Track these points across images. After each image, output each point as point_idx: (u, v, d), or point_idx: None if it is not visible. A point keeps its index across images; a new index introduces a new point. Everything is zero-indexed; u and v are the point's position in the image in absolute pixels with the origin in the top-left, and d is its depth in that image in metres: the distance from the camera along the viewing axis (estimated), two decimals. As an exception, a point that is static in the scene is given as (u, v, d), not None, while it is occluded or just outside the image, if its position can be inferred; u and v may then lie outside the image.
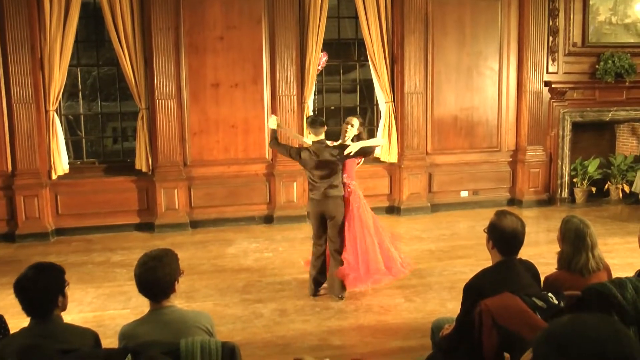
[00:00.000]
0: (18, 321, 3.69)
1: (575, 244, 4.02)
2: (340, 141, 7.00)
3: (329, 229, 6.79)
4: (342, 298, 6.79)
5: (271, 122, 6.98)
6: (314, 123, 6.69)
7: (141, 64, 9.70)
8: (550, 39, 10.97)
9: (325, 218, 6.78)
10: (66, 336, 3.33)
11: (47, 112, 9.50)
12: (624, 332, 1.68)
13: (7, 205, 9.53)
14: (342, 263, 6.74)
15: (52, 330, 3.32)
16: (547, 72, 11.08)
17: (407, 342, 5.71)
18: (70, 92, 10.65)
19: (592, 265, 4.00)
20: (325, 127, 6.75)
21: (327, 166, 6.64)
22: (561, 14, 10.95)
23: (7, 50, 9.23)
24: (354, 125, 7.00)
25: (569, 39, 11.07)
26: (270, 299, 6.88)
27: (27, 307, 3.34)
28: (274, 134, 6.95)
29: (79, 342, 3.30)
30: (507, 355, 3.44)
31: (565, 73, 11.17)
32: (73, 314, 6.06)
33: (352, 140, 6.94)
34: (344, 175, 6.89)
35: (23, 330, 3.38)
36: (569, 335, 1.69)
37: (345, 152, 6.63)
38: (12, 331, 3.63)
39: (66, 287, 3.46)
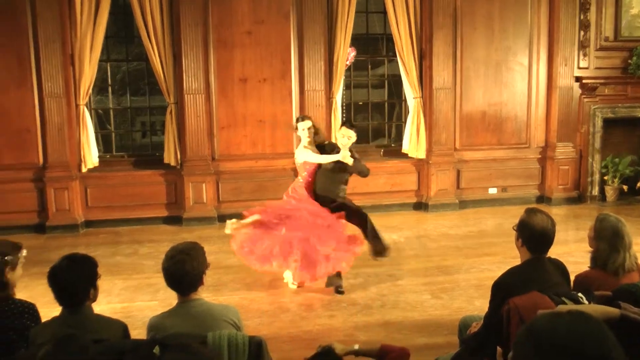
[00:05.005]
0: (48, 310, 3.74)
1: (612, 242, 3.95)
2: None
3: None
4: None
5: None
6: None
7: (170, 59, 9.75)
8: (581, 33, 10.81)
9: None
10: (96, 327, 3.37)
11: (77, 106, 9.61)
12: (602, 330, 1.68)
13: (38, 197, 9.67)
14: None
15: (83, 320, 3.37)
16: (578, 67, 10.93)
17: (434, 338, 5.69)
18: (100, 86, 10.75)
19: (629, 265, 3.94)
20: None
21: None
22: (592, 8, 10.78)
23: (39, 46, 9.36)
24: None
25: (601, 33, 10.90)
26: (296, 294, 6.90)
27: (60, 296, 3.39)
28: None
29: (108, 332, 3.35)
30: (499, 349, 3.44)
31: (596, 68, 11.02)
32: (102, 305, 6.11)
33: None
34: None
35: (54, 319, 3.43)
36: (548, 332, 1.69)
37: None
38: (43, 319, 3.68)
39: (98, 280, 3.50)
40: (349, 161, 6.68)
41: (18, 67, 9.41)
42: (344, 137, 6.90)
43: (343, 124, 7.28)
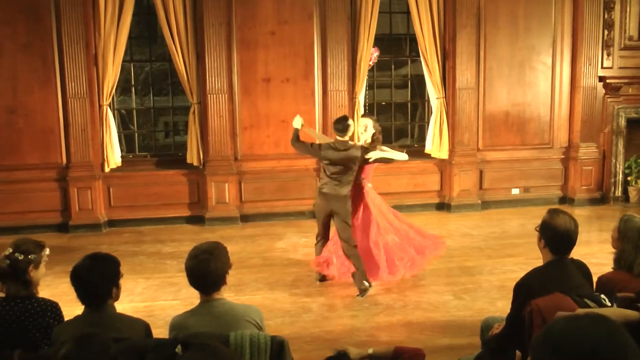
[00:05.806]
0: (71, 308, 3.78)
1: (638, 243, 3.91)
2: (360, 143, 7.13)
3: (338, 224, 6.80)
4: (364, 291, 6.78)
5: (296, 122, 6.98)
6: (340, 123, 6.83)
7: (193, 60, 9.80)
8: (606, 32, 10.71)
9: (330, 214, 6.86)
10: (118, 325, 3.39)
11: (100, 106, 9.68)
12: (620, 333, 1.68)
13: (61, 196, 9.76)
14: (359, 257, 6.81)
15: (105, 319, 3.39)
16: (602, 67, 10.82)
17: (456, 339, 5.67)
18: (123, 87, 10.83)
19: None
20: (351, 129, 6.83)
21: (345, 164, 6.70)
22: (617, 7, 10.67)
23: (63, 46, 9.44)
24: (367, 128, 7.10)
25: (625, 33, 10.79)
26: (318, 294, 6.90)
27: (82, 295, 3.41)
28: (296, 133, 6.96)
29: (130, 331, 3.36)
30: (518, 353, 3.42)
31: (620, 68, 10.90)
32: (124, 304, 6.14)
33: (369, 142, 7.08)
34: (361, 177, 7.02)
35: (77, 317, 3.45)
36: (564, 336, 1.70)
37: (366, 156, 6.89)
38: (66, 318, 3.71)
39: (120, 279, 3.52)
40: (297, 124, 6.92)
41: (42, 68, 9.51)
42: (360, 127, 7.13)
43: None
